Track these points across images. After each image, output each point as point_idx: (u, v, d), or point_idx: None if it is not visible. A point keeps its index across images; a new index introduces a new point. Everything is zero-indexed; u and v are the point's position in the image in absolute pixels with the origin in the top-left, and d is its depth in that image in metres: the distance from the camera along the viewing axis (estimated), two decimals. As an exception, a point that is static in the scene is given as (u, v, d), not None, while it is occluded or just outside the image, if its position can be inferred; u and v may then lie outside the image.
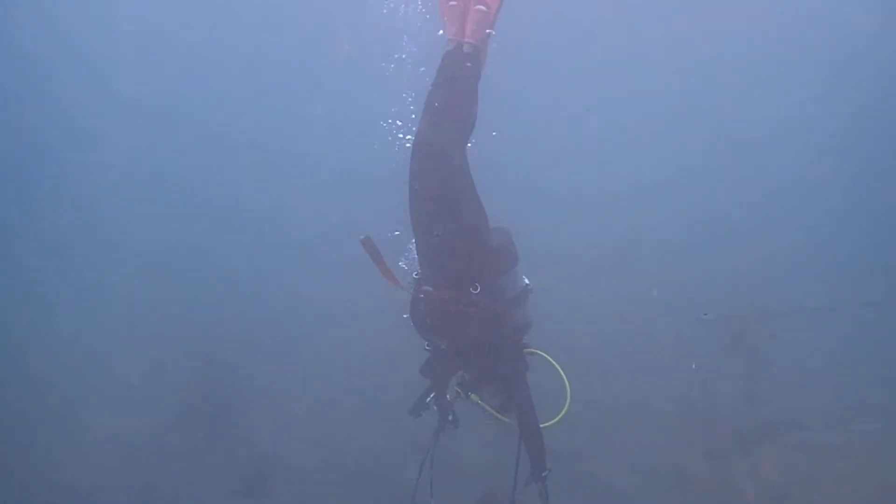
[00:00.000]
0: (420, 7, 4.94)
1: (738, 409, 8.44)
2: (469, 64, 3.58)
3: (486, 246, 3.71)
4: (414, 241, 3.86)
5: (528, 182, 14.26)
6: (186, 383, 9.31)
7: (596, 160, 14.93)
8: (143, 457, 8.08)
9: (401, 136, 4.16)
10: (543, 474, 3.65)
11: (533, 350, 3.87)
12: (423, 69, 4.83)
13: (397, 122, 4.31)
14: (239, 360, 9.87)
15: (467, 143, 3.70)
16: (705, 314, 9.34)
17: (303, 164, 16.69)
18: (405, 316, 3.88)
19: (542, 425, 3.67)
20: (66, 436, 8.57)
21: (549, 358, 3.81)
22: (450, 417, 4.16)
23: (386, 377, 8.14)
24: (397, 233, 4.15)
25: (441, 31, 3.79)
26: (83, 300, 12.50)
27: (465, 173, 3.62)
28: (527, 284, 3.92)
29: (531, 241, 4.70)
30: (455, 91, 3.62)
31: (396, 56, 5.02)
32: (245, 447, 8.32)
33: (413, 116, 4.12)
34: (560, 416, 3.71)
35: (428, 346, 3.97)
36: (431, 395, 4.11)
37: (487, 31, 3.66)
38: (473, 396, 3.85)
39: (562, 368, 3.72)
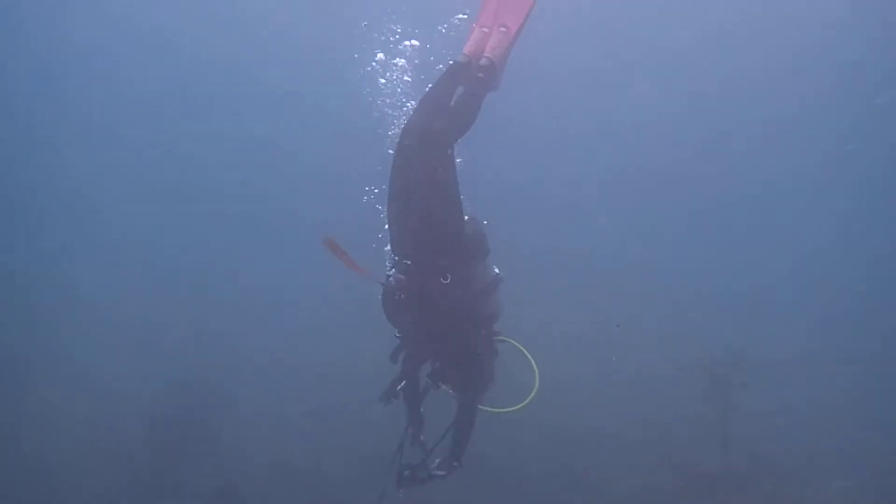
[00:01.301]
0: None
1: (712, 454, 8.32)
2: (481, 75, 3.86)
3: (459, 237, 3.79)
4: (388, 230, 3.94)
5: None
6: (161, 394, 9.26)
7: (574, 211, 14.98)
8: (113, 466, 7.96)
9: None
10: (455, 464, 3.72)
11: (503, 338, 3.91)
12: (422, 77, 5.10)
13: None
14: (215, 373, 9.77)
15: (454, 143, 3.84)
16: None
17: (282, 167, 16.64)
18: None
19: (513, 408, 3.75)
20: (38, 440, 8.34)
21: (518, 346, 3.88)
22: (421, 409, 4.12)
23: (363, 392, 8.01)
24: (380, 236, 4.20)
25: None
26: (63, 304, 12.31)
27: (450, 169, 3.76)
28: (497, 274, 3.99)
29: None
30: (459, 95, 3.90)
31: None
32: (215, 460, 8.17)
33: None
34: (528, 399, 3.73)
35: (398, 333, 3.96)
36: (402, 384, 4.05)
37: (506, 48, 3.97)
38: (444, 387, 3.83)
39: (531, 356, 3.79)
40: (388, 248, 4.02)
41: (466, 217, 3.89)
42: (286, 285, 12.91)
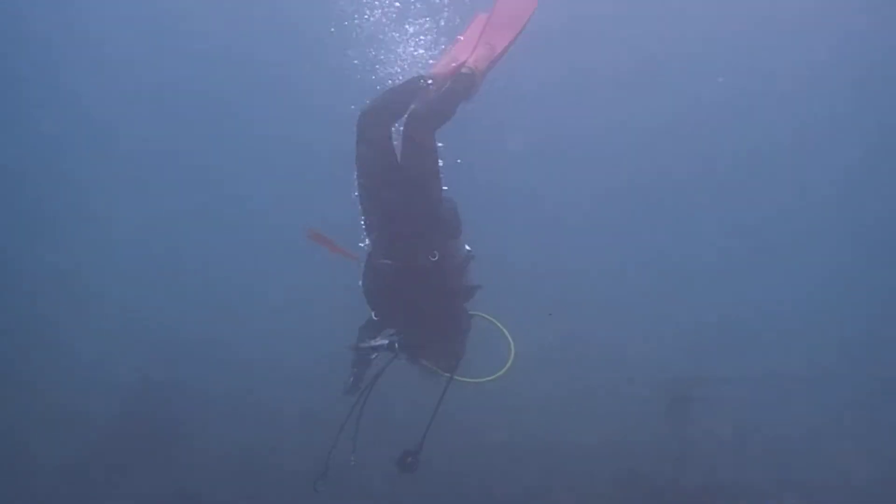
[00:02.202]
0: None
1: (671, 473, 8.40)
2: (462, 78, 4.01)
3: (439, 216, 3.98)
4: (365, 217, 4.10)
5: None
6: (123, 398, 9.14)
7: (547, 227, 15.04)
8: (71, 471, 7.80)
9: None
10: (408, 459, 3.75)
11: (477, 313, 4.09)
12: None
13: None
14: (179, 376, 9.69)
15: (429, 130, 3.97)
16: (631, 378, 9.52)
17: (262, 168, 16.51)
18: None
19: (490, 378, 3.90)
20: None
21: (493, 320, 4.07)
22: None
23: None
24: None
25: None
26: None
27: (433, 156, 3.92)
28: (469, 251, 4.16)
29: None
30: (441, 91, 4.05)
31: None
32: (175, 468, 8.03)
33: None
34: (504, 369, 3.91)
35: (376, 315, 4.07)
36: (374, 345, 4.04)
37: (488, 62, 4.14)
38: (423, 361, 3.98)
39: (505, 328, 3.98)
40: (366, 237, 4.15)
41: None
42: (268, 285, 12.85)
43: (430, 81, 4.12)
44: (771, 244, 15.24)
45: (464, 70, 4.02)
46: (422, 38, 5.69)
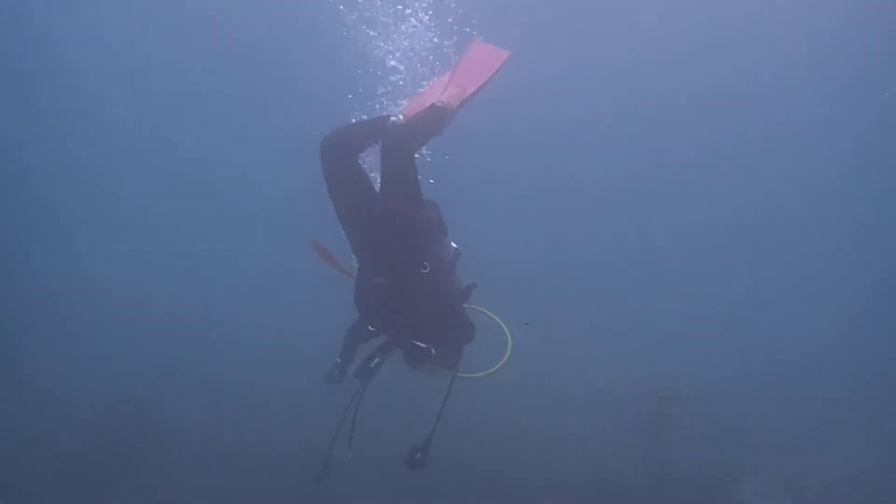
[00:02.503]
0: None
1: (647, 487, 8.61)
2: (436, 109, 3.99)
3: (423, 228, 4.00)
4: (350, 242, 4.08)
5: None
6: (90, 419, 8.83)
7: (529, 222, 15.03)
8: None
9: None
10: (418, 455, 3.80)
11: (473, 307, 4.16)
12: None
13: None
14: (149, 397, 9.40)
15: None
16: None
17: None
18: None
19: (487, 371, 3.99)
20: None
21: (489, 314, 4.13)
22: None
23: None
24: None
25: None
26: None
27: (412, 175, 3.89)
28: (456, 248, 4.22)
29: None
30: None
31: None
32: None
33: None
34: (503, 361, 4.01)
35: (373, 327, 4.07)
36: (376, 360, 4.11)
37: (459, 102, 4.16)
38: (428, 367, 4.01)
39: (502, 322, 4.06)
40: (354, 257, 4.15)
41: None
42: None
43: (399, 117, 4.04)
44: (757, 252, 15.31)
45: (437, 104, 4.01)
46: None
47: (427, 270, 3.85)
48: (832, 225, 15.10)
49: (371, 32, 5.71)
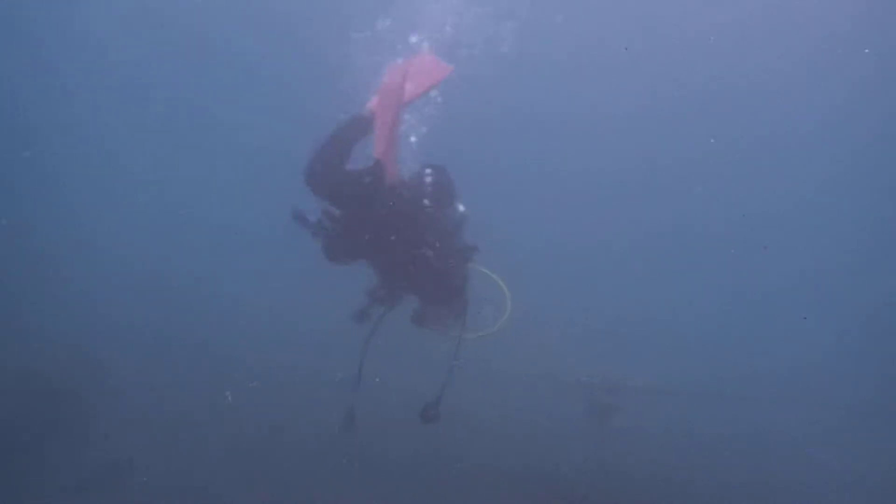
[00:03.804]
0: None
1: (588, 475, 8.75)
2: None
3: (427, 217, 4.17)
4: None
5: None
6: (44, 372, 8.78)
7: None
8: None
9: None
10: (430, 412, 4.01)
11: (480, 268, 4.40)
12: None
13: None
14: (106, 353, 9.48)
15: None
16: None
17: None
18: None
19: (492, 329, 4.25)
20: None
21: (489, 273, 4.36)
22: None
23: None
24: None
25: None
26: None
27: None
28: (463, 211, 4.42)
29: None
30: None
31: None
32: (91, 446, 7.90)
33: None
34: (503, 319, 4.25)
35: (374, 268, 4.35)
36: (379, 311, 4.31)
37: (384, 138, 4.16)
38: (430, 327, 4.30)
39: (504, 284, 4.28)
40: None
41: (428, 170, 4.30)
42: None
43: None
44: (714, 254, 15.42)
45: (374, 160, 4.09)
46: None
47: (434, 251, 4.05)
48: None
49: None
